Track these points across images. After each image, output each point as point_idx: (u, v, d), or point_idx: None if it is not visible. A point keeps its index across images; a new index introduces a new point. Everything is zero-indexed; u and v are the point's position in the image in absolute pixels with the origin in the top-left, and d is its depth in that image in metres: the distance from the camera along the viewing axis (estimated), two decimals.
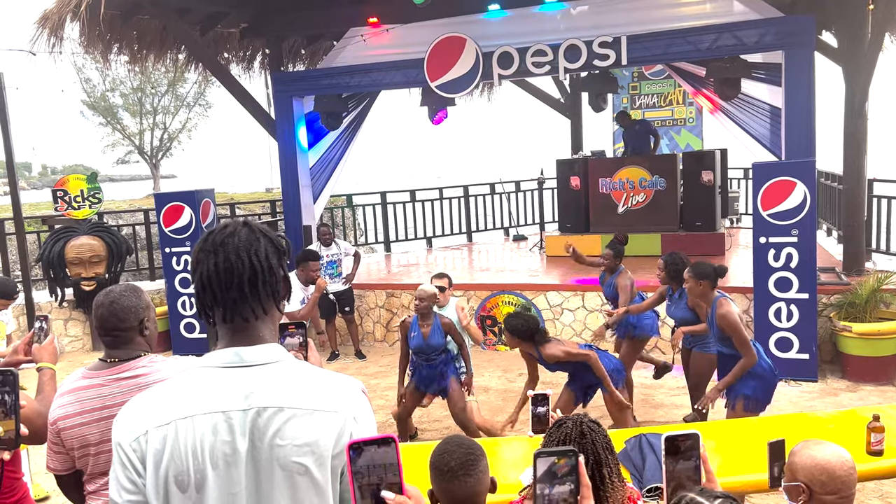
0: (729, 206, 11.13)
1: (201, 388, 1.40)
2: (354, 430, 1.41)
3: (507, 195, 12.63)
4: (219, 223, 1.55)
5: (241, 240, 1.46)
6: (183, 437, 1.37)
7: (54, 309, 9.14)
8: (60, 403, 2.33)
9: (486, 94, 13.70)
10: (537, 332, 4.51)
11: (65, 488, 2.49)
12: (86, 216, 9.19)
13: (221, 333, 1.47)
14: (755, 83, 7.73)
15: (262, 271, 1.46)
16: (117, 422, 1.44)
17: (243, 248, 1.45)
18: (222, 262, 1.44)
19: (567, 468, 1.33)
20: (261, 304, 1.46)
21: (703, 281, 4.45)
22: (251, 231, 1.49)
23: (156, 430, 1.38)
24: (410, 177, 34.71)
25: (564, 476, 1.33)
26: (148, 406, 1.42)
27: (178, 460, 1.36)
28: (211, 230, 1.50)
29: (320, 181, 9.57)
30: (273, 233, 1.53)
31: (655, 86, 12.45)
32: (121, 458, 1.40)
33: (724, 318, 4.19)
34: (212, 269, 1.44)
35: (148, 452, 1.37)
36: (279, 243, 1.52)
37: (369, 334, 8.79)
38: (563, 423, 2.12)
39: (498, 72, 7.84)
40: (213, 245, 1.46)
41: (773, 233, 6.39)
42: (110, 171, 43.30)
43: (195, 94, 28.00)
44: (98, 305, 2.38)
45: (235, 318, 1.45)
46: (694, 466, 1.77)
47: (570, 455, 1.33)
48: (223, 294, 1.44)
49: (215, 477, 1.37)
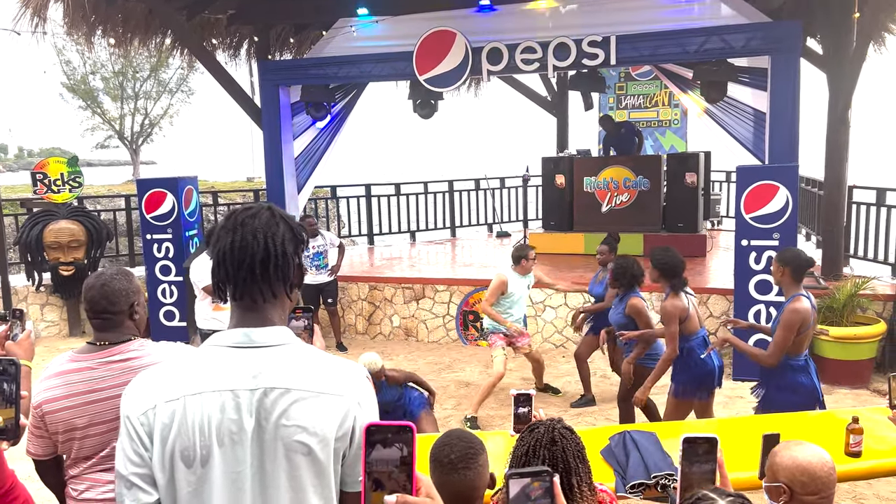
0: (711, 209, 11.23)
1: (211, 366, 1.43)
2: (358, 415, 1.44)
3: (492, 191, 12.65)
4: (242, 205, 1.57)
5: (260, 222, 1.49)
6: (191, 412, 1.39)
7: (31, 293, 9.01)
8: (47, 387, 2.30)
9: (473, 90, 13.69)
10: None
11: (43, 474, 2.46)
12: (65, 200, 9.06)
13: (232, 312, 1.51)
14: (740, 87, 7.79)
15: (276, 255, 1.48)
16: (126, 395, 1.45)
17: (261, 230, 1.48)
18: (238, 240, 1.47)
19: (541, 490, 1.30)
20: (270, 287, 1.49)
21: None
22: (272, 215, 1.52)
23: (165, 405, 1.40)
24: (398, 169, 34.62)
25: (538, 498, 1.30)
26: (158, 381, 1.44)
27: (185, 436, 1.39)
28: (235, 210, 1.54)
29: (305, 171, 9.52)
30: (294, 221, 1.56)
31: (642, 87, 12.52)
32: (128, 430, 1.41)
33: (663, 309, 4.31)
34: (227, 246, 1.47)
35: (156, 426, 1.39)
36: (298, 232, 1.55)
37: (351, 327, 8.77)
38: (535, 429, 2.11)
39: (487, 67, 7.83)
40: (234, 224, 1.49)
41: (754, 236, 6.46)
42: (89, 156, 42.69)
43: (178, 80, 27.70)
44: (89, 288, 2.36)
45: (245, 297, 1.48)
46: (710, 469, 1.78)
47: (545, 476, 1.30)
48: (235, 272, 1.47)
49: (221, 454, 1.40)
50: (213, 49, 9.82)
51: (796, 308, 3.90)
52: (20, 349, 2.43)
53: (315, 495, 1.43)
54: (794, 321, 3.87)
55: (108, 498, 2.33)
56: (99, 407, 2.28)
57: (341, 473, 1.47)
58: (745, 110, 7.92)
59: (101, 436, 2.31)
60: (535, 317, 7.96)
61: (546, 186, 10.33)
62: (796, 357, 3.96)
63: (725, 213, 12.04)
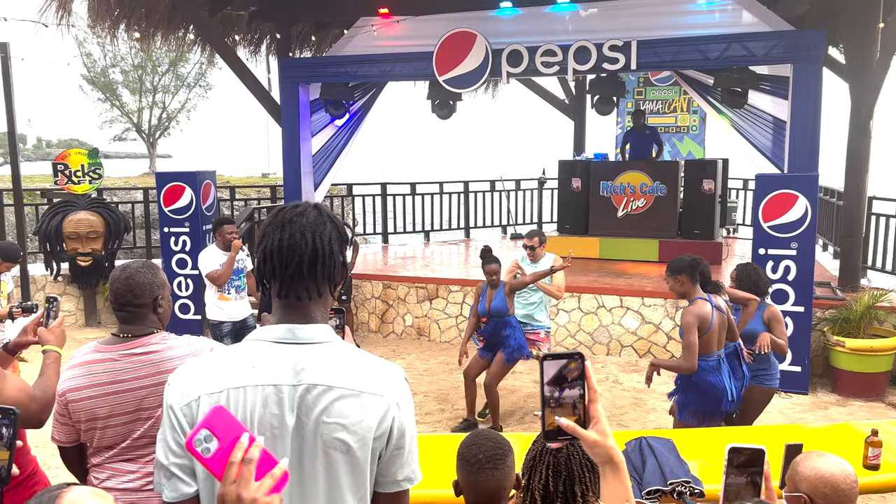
0: (727, 216, 11.18)
1: (254, 361, 1.44)
2: (397, 416, 1.45)
3: (507, 193, 12.64)
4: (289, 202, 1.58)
5: (308, 220, 1.49)
6: (234, 406, 1.40)
7: (49, 282, 9.10)
8: (70, 376, 2.33)
9: (491, 92, 13.70)
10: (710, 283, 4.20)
11: (67, 460, 2.50)
12: (85, 191, 9.14)
13: (275, 308, 1.51)
14: (760, 94, 7.76)
15: (324, 254, 1.49)
16: (170, 385, 1.46)
17: (309, 228, 1.48)
18: (287, 238, 1.47)
19: (577, 372, 1.31)
20: (317, 285, 1.49)
21: (681, 276, 4.17)
22: (319, 214, 1.52)
23: (208, 397, 1.41)
24: (416, 168, 34.64)
25: (574, 379, 1.31)
26: (202, 372, 1.45)
27: None
28: (282, 207, 1.54)
29: (322, 169, 9.55)
30: (339, 219, 1.57)
31: (661, 92, 12.47)
32: (171, 420, 1.42)
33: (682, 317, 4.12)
34: (276, 244, 1.47)
35: (198, 418, 1.40)
36: (343, 230, 1.56)
37: (364, 324, 8.80)
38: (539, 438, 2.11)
39: (507, 69, 7.84)
40: (282, 221, 1.50)
41: (772, 245, 6.42)
42: (106, 148, 43.03)
43: (196, 75, 27.89)
44: (114, 280, 2.38)
45: (290, 295, 1.48)
46: (754, 482, 1.76)
47: (577, 359, 1.31)
48: (282, 270, 1.47)
49: None
50: (234, 45, 9.88)
51: (689, 310, 4.07)
52: (52, 336, 2.46)
53: (350, 493, 1.44)
54: (691, 323, 4.00)
55: (128, 488, 2.35)
56: (120, 398, 2.30)
57: (376, 473, 1.48)
58: (765, 118, 7.88)
59: (122, 426, 2.33)
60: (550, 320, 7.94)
61: (562, 189, 10.31)
62: (706, 357, 4.07)
63: (742, 221, 11.98)
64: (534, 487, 2.03)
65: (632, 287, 7.82)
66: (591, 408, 1.32)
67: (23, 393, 2.20)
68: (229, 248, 5.95)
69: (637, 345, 7.65)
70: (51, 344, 2.43)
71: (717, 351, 4.11)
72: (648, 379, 4.24)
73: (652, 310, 7.57)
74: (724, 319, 4.14)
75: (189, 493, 1.42)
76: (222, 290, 5.97)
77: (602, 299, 7.77)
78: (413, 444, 1.51)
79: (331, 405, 1.41)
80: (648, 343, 7.58)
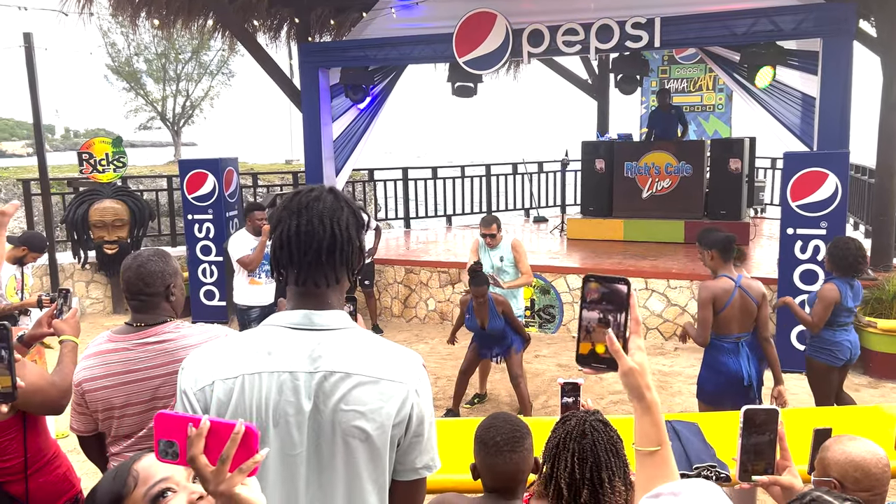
0: (755, 196, 10.98)
1: (270, 346, 1.42)
2: (416, 403, 1.43)
3: (530, 176, 12.54)
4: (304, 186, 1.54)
5: (325, 206, 1.46)
6: (248, 392, 1.38)
7: (77, 270, 9.23)
8: (85, 366, 2.33)
9: (513, 73, 13.55)
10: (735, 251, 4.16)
11: (87, 449, 2.51)
12: (110, 180, 9.24)
13: (290, 295, 1.48)
14: (789, 70, 7.57)
15: (342, 240, 1.46)
16: (184, 369, 1.45)
17: (326, 214, 1.45)
18: (304, 225, 1.44)
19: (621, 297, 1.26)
20: (335, 272, 1.47)
21: (712, 251, 4.08)
22: (336, 198, 1.49)
23: (222, 383, 1.39)
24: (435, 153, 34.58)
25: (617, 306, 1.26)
26: (217, 357, 1.43)
27: (242, 414, 1.38)
28: (297, 191, 1.51)
29: (343, 154, 9.54)
30: (356, 203, 1.54)
31: (686, 70, 12.24)
32: (185, 405, 1.41)
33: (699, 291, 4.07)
34: (293, 230, 1.44)
35: (212, 403, 1.39)
36: (360, 214, 1.52)
37: (387, 309, 8.81)
38: (567, 420, 2.07)
39: (528, 49, 7.73)
40: (298, 207, 1.46)
41: (801, 224, 6.29)
42: (132, 137, 43.58)
43: (218, 63, 28.03)
44: (126, 269, 2.37)
45: (308, 282, 1.46)
46: (768, 441, 1.73)
47: (624, 284, 1.25)
48: (300, 257, 1.44)
49: (276, 434, 1.39)
50: (254, 31, 9.88)
51: (706, 285, 4.01)
52: (67, 326, 2.47)
53: (369, 481, 1.42)
54: (704, 299, 3.96)
55: None
56: (135, 387, 2.30)
57: (394, 461, 1.46)
58: (794, 95, 7.69)
59: (138, 416, 2.33)
60: (573, 303, 7.89)
61: (585, 171, 10.19)
62: (722, 337, 4.02)
63: (769, 201, 11.76)
64: (558, 476, 1.99)
65: (657, 269, 7.72)
66: (630, 338, 1.26)
67: (43, 379, 2.22)
68: (259, 234, 5.98)
69: (663, 328, 7.56)
70: (67, 334, 2.44)
71: (738, 333, 4.01)
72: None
73: (678, 292, 7.47)
74: (748, 305, 3.99)
75: None
76: (253, 275, 6.02)
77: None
78: (432, 432, 1.49)
79: (349, 392, 1.39)
80: (674, 326, 7.49)
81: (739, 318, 4.01)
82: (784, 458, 1.77)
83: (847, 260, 4.43)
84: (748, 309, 4.00)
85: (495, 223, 5.71)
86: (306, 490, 1.41)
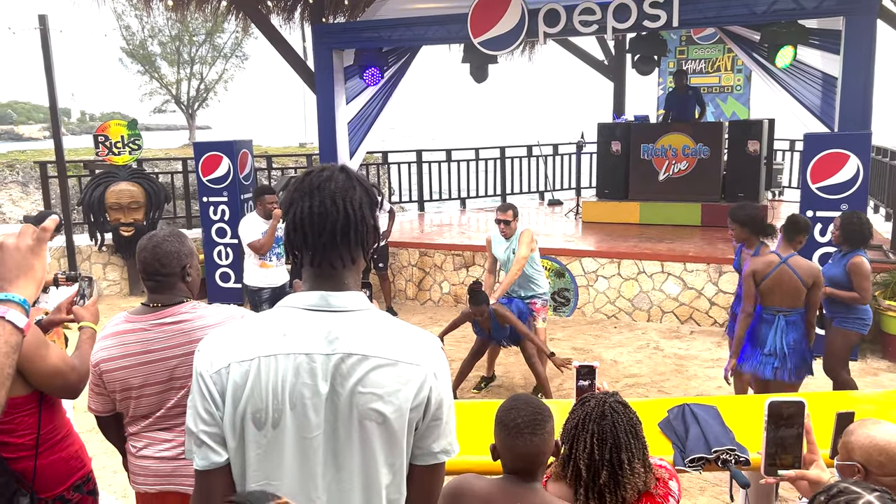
0: (773, 178, 10.83)
1: (286, 328, 1.40)
2: (434, 386, 1.41)
3: (545, 158, 12.45)
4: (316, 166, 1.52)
5: (337, 185, 1.43)
6: (265, 374, 1.37)
7: (94, 252, 9.29)
8: (102, 346, 2.34)
9: (528, 54, 13.41)
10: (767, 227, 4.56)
11: (105, 429, 2.53)
12: (125, 162, 9.27)
13: (306, 276, 1.46)
14: (809, 49, 7.42)
15: (355, 220, 1.43)
16: (200, 352, 1.43)
17: (339, 194, 1.43)
18: (317, 206, 1.42)
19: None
20: (350, 252, 1.44)
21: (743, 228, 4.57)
22: (348, 177, 1.46)
23: (238, 365, 1.38)
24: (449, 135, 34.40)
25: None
26: (232, 339, 1.42)
27: (258, 397, 1.37)
28: (309, 171, 1.48)
29: (357, 137, 9.50)
30: (368, 182, 1.51)
31: (704, 50, 12.06)
32: (200, 388, 1.40)
33: None
34: (305, 211, 1.42)
35: (228, 386, 1.38)
36: (373, 193, 1.50)
37: (401, 292, 8.81)
38: (586, 402, 2.06)
39: (543, 30, 7.62)
40: (310, 187, 1.44)
41: (821, 206, 6.20)
42: (147, 120, 43.63)
43: (232, 45, 27.98)
44: (141, 249, 2.37)
45: (323, 263, 1.44)
46: (796, 434, 1.70)
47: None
48: (314, 238, 1.42)
49: (293, 417, 1.38)
50: (267, 12, 9.82)
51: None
52: (87, 313, 2.47)
53: (385, 465, 1.41)
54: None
55: (165, 456, 2.37)
56: (152, 368, 2.31)
57: (412, 445, 1.44)
58: (814, 74, 7.54)
59: (155, 396, 2.34)
60: (588, 286, 7.85)
61: (601, 153, 10.10)
62: (765, 308, 4.25)
63: (788, 184, 11.61)
64: (577, 457, 1.98)
65: (674, 252, 7.65)
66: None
67: (63, 362, 2.22)
68: (270, 217, 5.98)
69: (679, 311, 7.50)
70: (86, 321, 2.45)
71: (777, 306, 4.19)
72: None
73: (694, 275, 7.41)
74: (790, 279, 4.14)
75: (219, 462, 1.41)
76: (264, 258, 6.04)
77: (642, 265, 7.62)
78: (450, 416, 1.47)
79: (366, 375, 1.37)
80: (690, 309, 7.44)
81: (780, 292, 4.18)
82: (811, 452, 1.74)
83: (863, 233, 4.62)
84: (791, 285, 4.15)
85: (511, 210, 5.67)
86: (323, 473, 1.40)
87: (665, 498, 2.03)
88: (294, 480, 1.39)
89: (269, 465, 1.39)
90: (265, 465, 1.39)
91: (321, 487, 1.40)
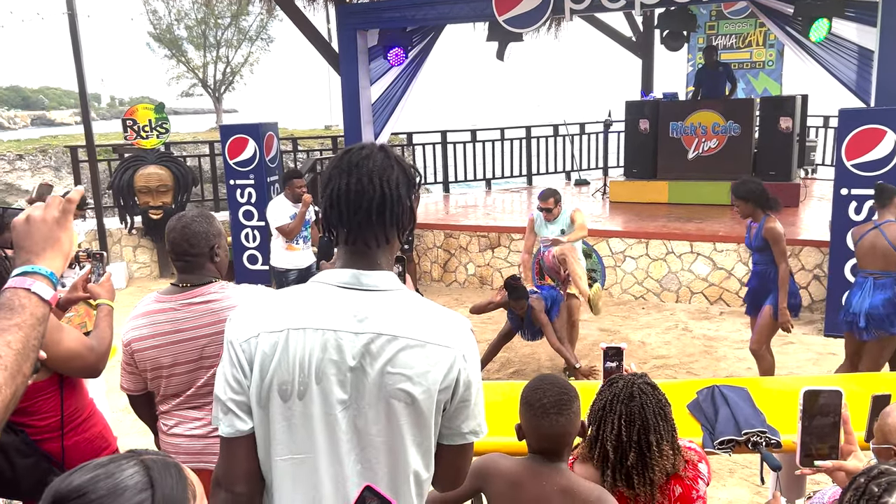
0: (806, 156, 10.60)
1: (316, 304, 1.41)
2: (463, 368, 1.41)
3: (571, 137, 12.31)
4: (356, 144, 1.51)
5: (375, 164, 1.43)
6: (293, 346, 1.38)
7: (124, 235, 9.42)
8: (133, 326, 2.37)
9: (554, 31, 13.20)
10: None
11: (137, 408, 2.56)
12: (153, 146, 9.36)
13: (340, 254, 1.47)
14: (844, 22, 7.21)
15: (392, 200, 1.43)
16: (231, 321, 1.46)
17: (377, 172, 1.42)
18: (354, 183, 1.41)
19: None
20: (384, 232, 1.44)
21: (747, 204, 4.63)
22: (386, 156, 1.46)
23: (268, 335, 1.40)
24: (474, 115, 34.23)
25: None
26: (264, 311, 1.44)
27: (285, 369, 1.38)
28: (347, 149, 1.48)
29: (382, 118, 9.47)
30: (406, 162, 1.50)
31: (735, 25, 11.77)
32: (230, 356, 1.42)
33: (772, 230, 4.49)
34: (342, 189, 1.42)
35: (256, 355, 1.39)
36: (411, 173, 1.49)
37: (426, 274, 8.82)
38: (614, 383, 2.03)
39: (570, 6, 7.50)
40: (349, 165, 1.43)
41: (856, 184, 6.05)
42: (174, 104, 44.02)
43: (257, 28, 28.02)
44: (170, 230, 2.39)
45: (358, 241, 1.44)
46: (832, 423, 1.66)
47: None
48: (350, 216, 1.42)
49: (319, 391, 1.39)
50: None
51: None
52: (102, 290, 2.50)
53: (413, 445, 1.41)
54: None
55: (195, 434, 2.40)
56: (182, 347, 2.33)
57: (440, 425, 1.44)
58: (850, 48, 7.33)
59: (185, 375, 2.37)
60: (615, 267, 7.77)
61: (629, 132, 9.95)
62: (860, 271, 4.60)
63: (821, 161, 11.35)
64: (604, 438, 1.96)
65: (703, 232, 7.54)
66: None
67: (81, 345, 2.25)
68: (298, 201, 6.01)
69: (708, 291, 7.41)
70: (102, 298, 2.47)
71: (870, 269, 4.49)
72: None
73: (724, 255, 7.29)
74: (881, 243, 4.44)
75: (244, 430, 1.43)
76: (290, 241, 6.09)
77: (671, 245, 7.52)
78: (479, 397, 1.48)
79: (396, 355, 1.37)
80: (720, 290, 7.33)
81: (871, 255, 4.45)
82: (849, 442, 1.70)
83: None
84: (882, 249, 4.39)
85: (553, 197, 5.64)
86: (349, 451, 1.40)
87: (694, 480, 2.01)
88: (320, 455, 1.40)
89: (294, 438, 1.40)
90: (290, 438, 1.40)
91: (347, 464, 1.40)
